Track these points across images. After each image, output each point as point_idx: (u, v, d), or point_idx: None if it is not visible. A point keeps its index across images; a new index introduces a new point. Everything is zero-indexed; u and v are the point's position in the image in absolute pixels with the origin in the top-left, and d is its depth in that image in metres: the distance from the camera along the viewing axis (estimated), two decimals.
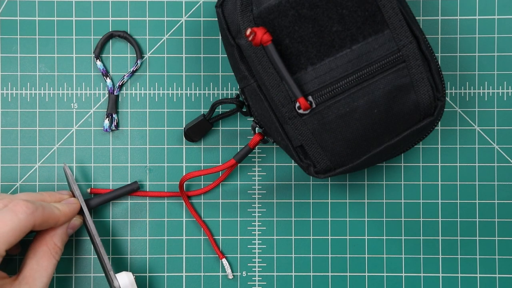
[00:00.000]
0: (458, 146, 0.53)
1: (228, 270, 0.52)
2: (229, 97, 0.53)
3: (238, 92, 0.50)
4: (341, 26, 0.44)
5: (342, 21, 0.44)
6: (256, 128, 0.49)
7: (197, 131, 0.52)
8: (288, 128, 0.46)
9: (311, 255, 0.53)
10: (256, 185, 0.53)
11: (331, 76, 0.45)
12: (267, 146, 0.53)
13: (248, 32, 0.43)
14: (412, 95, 0.46)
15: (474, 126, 0.53)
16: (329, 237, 0.53)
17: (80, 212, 0.49)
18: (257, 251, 0.53)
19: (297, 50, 0.44)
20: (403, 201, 0.53)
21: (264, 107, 0.46)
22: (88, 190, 0.52)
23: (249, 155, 0.53)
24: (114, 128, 0.53)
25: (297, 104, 0.45)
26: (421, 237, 0.53)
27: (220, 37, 0.53)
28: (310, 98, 0.45)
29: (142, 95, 0.53)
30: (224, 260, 0.52)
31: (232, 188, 0.53)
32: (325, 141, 0.45)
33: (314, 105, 0.45)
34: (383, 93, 0.45)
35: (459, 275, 0.52)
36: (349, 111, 0.45)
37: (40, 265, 0.46)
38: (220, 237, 0.53)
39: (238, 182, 0.53)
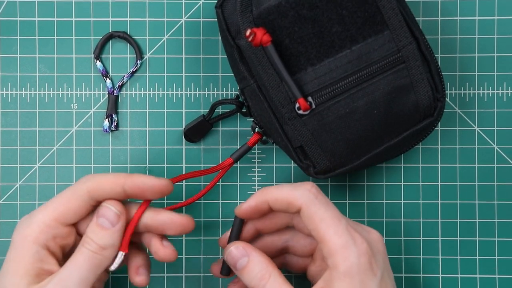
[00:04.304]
0: (457, 146, 0.53)
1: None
2: (229, 97, 0.53)
3: (238, 93, 0.50)
4: (341, 26, 0.44)
5: (342, 22, 0.44)
6: (256, 129, 0.49)
7: (197, 131, 0.52)
8: (287, 128, 0.46)
9: None
10: (256, 185, 0.53)
11: (330, 76, 0.45)
12: (267, 147, 0.53)
13: (248, 32, 0.43)
14: (412, 96, 0.46)
15: (474, 127, 0.53)
16: None
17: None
18: None
19: (296, 50, 0.44)
20: (402, 201, 0.53)
21: (263, 107, 0.46)
22: None
23: (249, 155, 0.53)
24: (113, 129, 0.53)
25: (297, 105, 0.45)
26: (421, 238, 0.53)
27: (220, 37, 0.53)
28: (309, 98, 0.45)
29: (142, 96, 0.53)
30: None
31: (232, 189, 0.53)
32: (324, 141, 0.45)
33: (314, 106, 0.45)
34: (383, 93, 0.45)
35: (459, 275, 0.52)
36: (349, 111, 0.45)
37: (73, 253, 0.42)
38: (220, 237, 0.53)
39: (238, 183, 0.53)
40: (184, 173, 0.52)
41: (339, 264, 0.40)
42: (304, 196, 0.41)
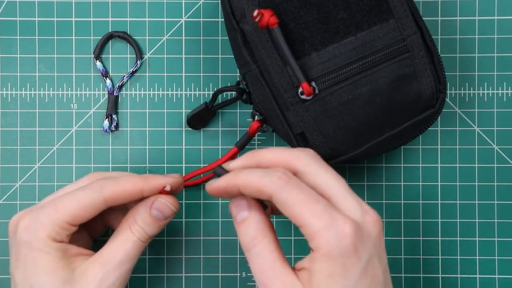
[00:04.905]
0: (457, 146, 0.53)
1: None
2: (229, 97, 0.53)
3: (238, 79, 0.50)
4: (347, 13, 0.44)
5: (348, 9, 0.44)
6: (256, 116, 0.49)
7: (200, 119, 0.52)
8: (289, 114, 0.45)
9: None
10: None
11: (334, 62, 0.45)
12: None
13: (255, 13, 0.42)
14: (414, 86, 0.46)
15: (473, 127, 0.53)
16: None
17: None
18: None
19: (301, 35, 0.44)
20: (402, 201, 0.53)
21: (265, 93, 0.46)
22: None
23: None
24: (113, 129, 0.53)
25: (300, 90, 0.45)
26: (421, 238, 0.53)
27: (219, 37, 0.53)
28: (313, 84, 0.45)
29: (142, 96, 0.53)
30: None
31: None
32: (326, 128, 0.45)
33: (317, 91, 0.45)
34: (386, 82, 0.45)
35: (459, 276, 0.52)
36: (351, 98, 0.45)
37: (118, 240, 0.44)
38: (220, 238, 0.53)
39: None
40: (184, 172, 0.52)
41: (320, 247, 0.38)
42: (274, 184, 0.39)
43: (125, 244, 0.44)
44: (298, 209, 0.39)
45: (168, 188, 0.44)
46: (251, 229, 0.41)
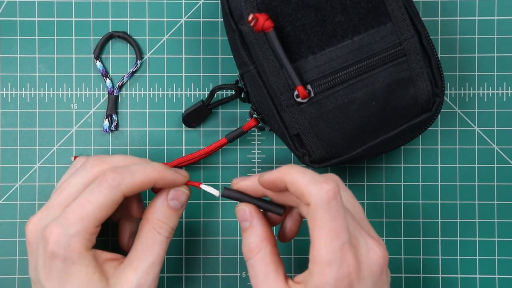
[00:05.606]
0: (457, 147, 0.53)
1: (211, 190, 0.47)
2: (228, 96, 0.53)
3: (237, 78, 0.50)
4: (344, 16, 0.44)
5: (345, 12, 0.44)
6: (254, 115, 0.49)
7: (196, 116, 0.52)
8: (285, 116, 0.46)
9: None
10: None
11: (331, 66, 0.45)
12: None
13: (250, 17, 0.42)
14: (411, 90, 0.46)
15: (473, 127, 0.53)
16: None
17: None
18: None
19: (298, 38, 0.44)
20: (402, 202, 0.53)
21: (262, 94, 0.46)
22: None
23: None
24: (113, 129, 0.53)
25: (296, 92, 0.45)
26: (421, 238, 0.53)
27: (219, 37, 0.53)
28: (309, 87, 0.45)
29: (142, 96, 0.53)
30: (203, 186, 0.47)
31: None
32: (321, 130, 0.45)
33: (312, 94, 0.45)
34: (382, 85, 0.45)
35: (459, 276, 0.52)
36: (347, 102, 0.45)
37: (144, 243, 0.44)
38: (220, 238, 0.53)
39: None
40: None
41: (315, 276, 0.39)
42: (317, 196, 0.38)
43: (153, 247, 0.44)
44: (320, 233, 0.39)
45: (217, 195, 0.46)
46: (248, 241, 0.42)
